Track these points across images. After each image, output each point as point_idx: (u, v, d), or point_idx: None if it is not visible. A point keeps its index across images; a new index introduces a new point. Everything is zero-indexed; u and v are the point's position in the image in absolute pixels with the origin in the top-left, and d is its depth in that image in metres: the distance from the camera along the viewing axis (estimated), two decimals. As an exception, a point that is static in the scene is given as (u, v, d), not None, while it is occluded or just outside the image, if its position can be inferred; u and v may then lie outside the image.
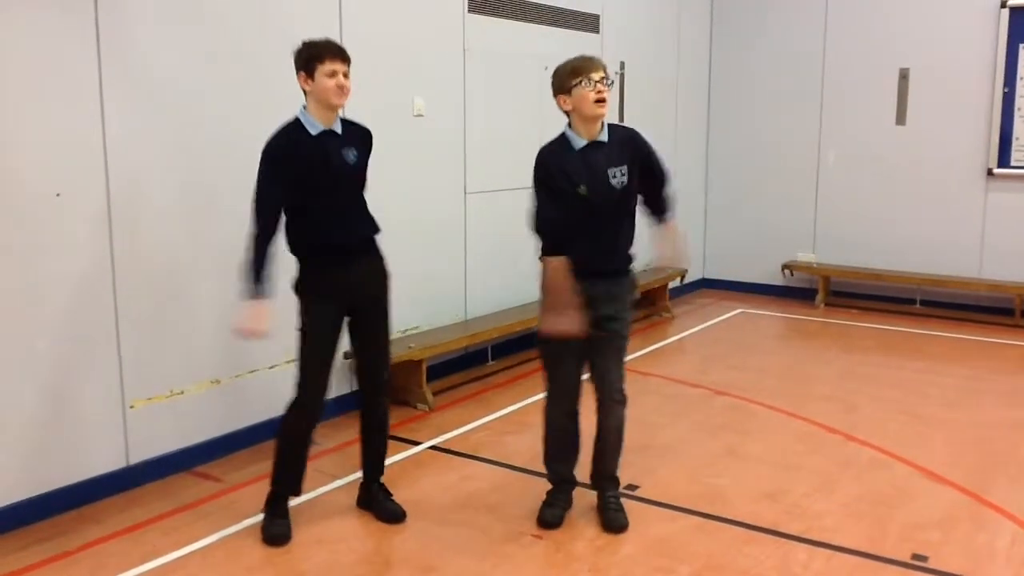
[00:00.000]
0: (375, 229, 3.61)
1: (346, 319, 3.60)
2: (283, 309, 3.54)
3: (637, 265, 3.66)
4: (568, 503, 3.77)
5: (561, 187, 3.42)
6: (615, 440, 3.69)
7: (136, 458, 4.05)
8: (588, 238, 3.45)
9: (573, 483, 3.81)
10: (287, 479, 3.62)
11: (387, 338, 3.74)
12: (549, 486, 3.79)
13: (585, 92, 3.38)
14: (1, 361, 3.54)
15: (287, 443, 3.60)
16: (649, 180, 3.56)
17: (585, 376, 3.65)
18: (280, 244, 3.45)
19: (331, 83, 3.35)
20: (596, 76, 3.38)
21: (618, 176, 3.43)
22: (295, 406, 3.55)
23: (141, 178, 3.95)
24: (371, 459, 3.81)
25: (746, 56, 8.37)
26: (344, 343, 3.63)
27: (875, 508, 3.88)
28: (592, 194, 3.41)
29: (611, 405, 3.62)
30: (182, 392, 4.21)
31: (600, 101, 3.38)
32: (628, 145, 3.51)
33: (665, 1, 7.84)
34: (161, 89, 4.01)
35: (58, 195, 3.64)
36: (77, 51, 3.69)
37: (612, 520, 3.66)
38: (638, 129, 3.62)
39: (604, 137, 3.47)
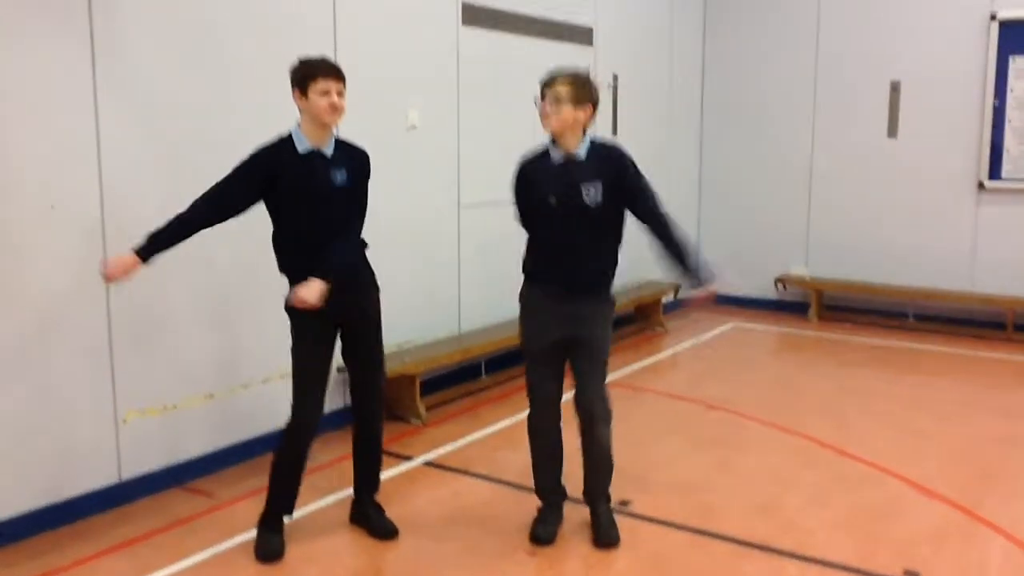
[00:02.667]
0: (360, 253, 3.60)
1: (339, 334, 3.59)
2: (276, 324, 3.54)
3: (628, 281, 3.67)
4: (559, 518, 3.77)
5: (531, 196, 3.51)
6: (601, 459, 3.68)
7: (128, 473, 4.03)
8: (564, 253, 3.48)
9: (563, 496, 3.80)
10: (280, 498, 3.61)
11: (379, 353, 3.73)
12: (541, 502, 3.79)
13: (539, 108, 3.45)
14: (-7, 377, 3.54)
15: (281, 462, 3.59)
16: (634, 204, 3.53)
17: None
18: (203, 231, 3.50)
19: (323, 102, 3.35)
20: (548, 93, 3.42)
21: (591, 192, 3.43)
22: (289, 425, 3.55)
23: (136, 191, 3.95)
24: (364, 476, 3.80)
25: (739, 69, 8.41)
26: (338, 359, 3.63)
27: (867, 523, 3.88)
28: (561, 207, 3.43)
29: (592, 424, 3.60)
30: (175, 406, 4.20)
31: (544, 117, 3.42)
32: (608, 163, 3.50)
33: (658, 14, 7.88)
34: (156, 103, 4.02)
35: (52, 207, 3.64)
36: (72, 64, 3.70)
37: (604, 535, 3.65)
38: (631, 140, 3.65)
39: (582, 152, 3.48)
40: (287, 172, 3.39)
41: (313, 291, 3.33)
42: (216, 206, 3.44)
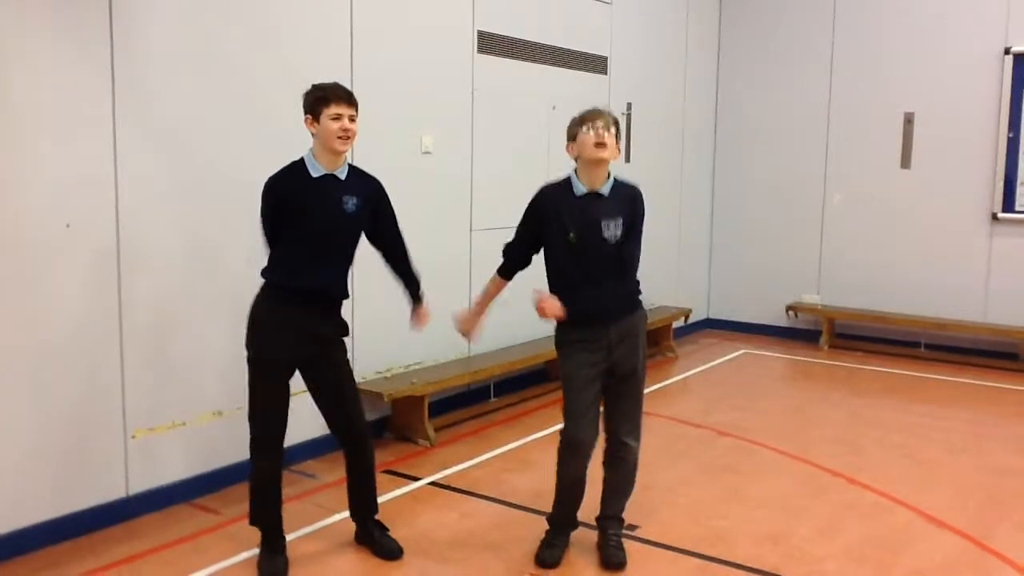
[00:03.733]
0: (344, 294, 3.59)
1: (300, 371, 3.57)
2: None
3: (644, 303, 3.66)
4: (566, 543, 3.75)
5: (552, 229, 3.51)
6: (628, 480, 3.70)
7: (136, 488, 4.04)
8: (589, 286, 3.49)
9: (574, 525, 3.79)
10: (265, 517, 3.56)
11: (352, 388, 3.66)
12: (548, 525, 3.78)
13: (586, 137, 3.45)
14: (4, 388, 3.56)
15: (256, 483, 3.55)
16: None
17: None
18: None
19: (334, 127, 3.36)
20: (599, 123, 3.45)
21: (612, 228, 3.46)
22: (253, 444, 3.51)
23: (151, 213, 3.99)
24: (358, 501, 3.76)
25: (752, 98, 8.45)
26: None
27: (877, 553, 3.84)
28: (581, 242, 3.45)
29: (626, 443, 3.63)
30: (184, 423, 4.22)
31: (599, 145, 3.43)
32: (627, 202, 3.53)
33: (672, 43, 7.94)
34: (173, 128, 4.07)
35: (68, 226, 3.69)
36: (92, 89, 3.75)
37: (611, 557, 3.64)
38: (644, 168, 3.66)
39: (606, 190, 3.50)
40: (299, 193, 3.41)
41: (427, 316, 3.88)
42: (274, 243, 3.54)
